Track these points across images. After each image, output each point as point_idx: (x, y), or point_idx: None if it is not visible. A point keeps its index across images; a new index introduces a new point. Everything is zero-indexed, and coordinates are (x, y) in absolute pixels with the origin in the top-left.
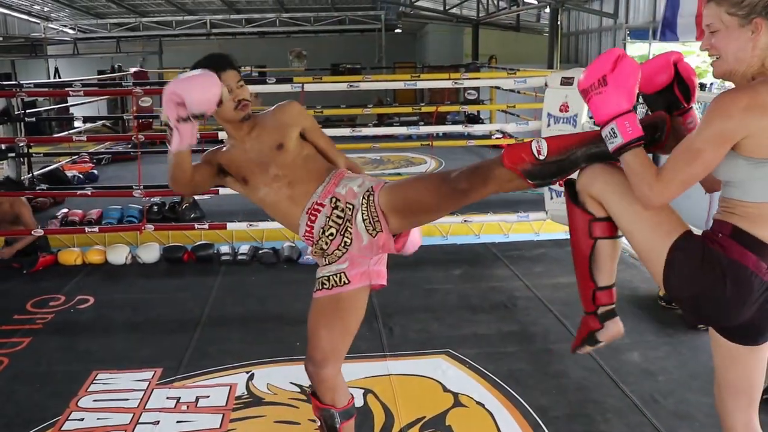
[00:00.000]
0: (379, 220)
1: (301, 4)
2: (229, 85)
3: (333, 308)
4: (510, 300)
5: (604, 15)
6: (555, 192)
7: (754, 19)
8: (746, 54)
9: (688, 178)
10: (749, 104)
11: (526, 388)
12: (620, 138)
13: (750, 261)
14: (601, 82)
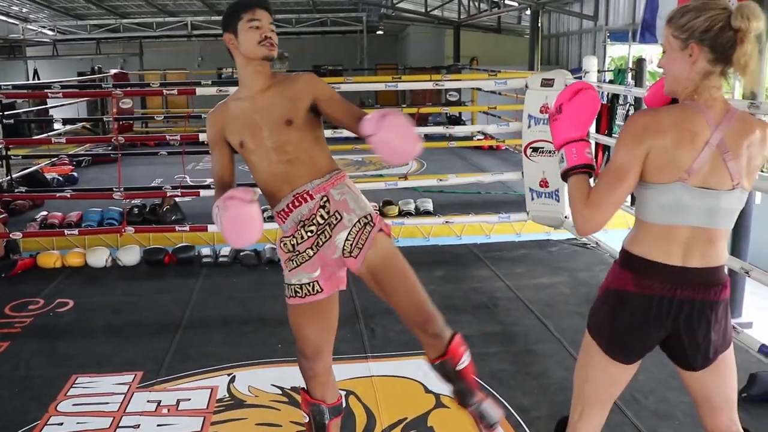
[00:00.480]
0: (359, 254)
1: (283, 6)
2: (261, 21)
3: (312, 311)
4: (491, 301)
5: (584, 17)
6: (536, 193)
7: (691, 44)
8: (683, 76)
9: (614, 200)
10: (648, 125)
11: (507, 388)
12: (565, 163)
13: (627, 283)
14: (557, 110)
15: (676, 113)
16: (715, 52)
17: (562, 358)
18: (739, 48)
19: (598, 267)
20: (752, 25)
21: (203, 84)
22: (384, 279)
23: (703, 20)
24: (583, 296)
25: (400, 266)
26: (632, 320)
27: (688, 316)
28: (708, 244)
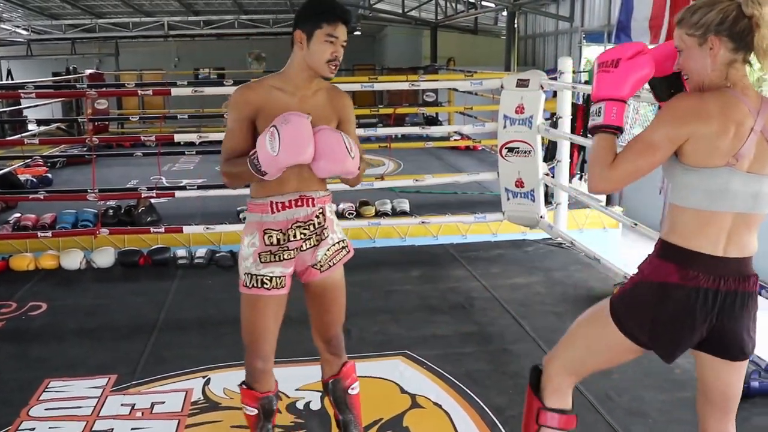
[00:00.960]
0: (327, 271)
1: (260, 6)
2: (338, 38)
3: (274, 305)
4: (468, 301)
5: (560, 18)
6: (511, 193)
7: (709, 37)
8: (707, 70)
9: (634, 169)
10: (694, 109)
11: (483, 388)
12: (601, 118)
13: (671, 275)
14: (614, 63)
15: (720, 99)
16: (734, 40)
17: (537, 357)
18: (758, 33)
19: (574, 267)
20: (765, 10)
21: (179, 84)
22: (329, 298)
23: (716, 13)
24: (558, 296)
25: (343, 291)
26: (677, 314)
27: (731, 308)
28: (747, 232)
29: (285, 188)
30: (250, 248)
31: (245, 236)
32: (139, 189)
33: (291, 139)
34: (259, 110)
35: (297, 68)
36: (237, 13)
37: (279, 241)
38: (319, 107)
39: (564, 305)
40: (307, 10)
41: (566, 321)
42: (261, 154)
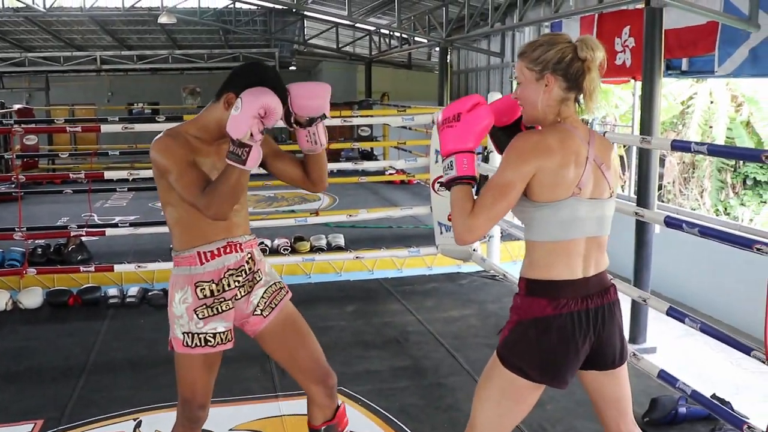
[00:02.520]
0: (269, 315)
1: (194, 41)
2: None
3: (214, 361)
4: (402, 335)
5: (491, 54)
6: (444, 227)
7: (546, 74)
8: (542, 104)
9: (494, 214)
10: (536, 145)
11: (418, 423)
12: (454, 171)
13: (545, 308)
14: (455, 117)
15: (557, 134)
16: (568, 80)
17: (471, 390)
18: (587, 76)
19: (507, 298)
20: (596, 55)
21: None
22: (293, 333)
23: (555, 52)
24: (492, 328)
25: (305, 325)
26: (560, 342)
27: (603, 321)
28: (599, 252)
29: (211, 236)
30: (182, 305)
31: (175, 292)
32: (69, 227)
33: (251, 92)
34: (194, 157)
35: (218, 124)
36: (171, 47)
37: (213, 292)
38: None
39: (498, 337)
40: (248, 77)
41: None
42: (229, 126)
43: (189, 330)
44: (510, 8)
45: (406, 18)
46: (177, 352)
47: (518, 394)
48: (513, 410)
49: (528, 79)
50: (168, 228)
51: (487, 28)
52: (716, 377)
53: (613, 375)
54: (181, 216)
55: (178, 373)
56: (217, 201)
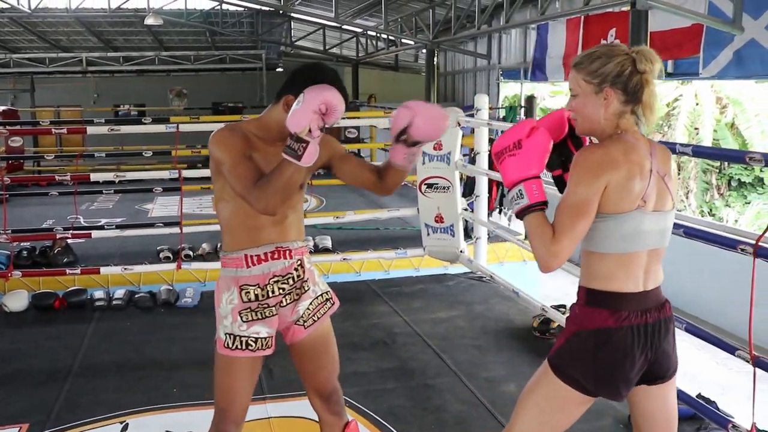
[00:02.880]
0: (311, 327)
1: (181, 43)
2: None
3: (253, 367)
4: (390, 336)
5: (478, 56)
6: (431, 228)
7: (605, 88)
8: (599, 117)
9: (576, 235)
10: (602, 159)
11: (405, 424)
12: (526, 199)
13: (606, 320)
14: (516, 145)
15: (621, 146)
16: (627, 94)
17: (458, 391)
18: (647, 89)
19: (494, 300)
20: (655, 67)
21: (96, 122)
22: (320, 353)
23: (614, 65)
24: (479, 329)
25: (334, 346)
26: (619, 355)
27: (659, 336)
28: (657, 264)
29: (260, 240)
30: (228, 305)
31: (222, 293)
32: (55, 229)
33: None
34: (251, 152)
35: (279, 125)
36: (157, 49)
37: (257, 297)
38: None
39: (485, 338)
40: (308, 77)
41: (487, 354)
42: (289, 120)
43: (232, 332)
44: (496, 10)
45: (393, 20)
46: (218, 354)
47: (566, 405)
48: (557, 421)
49: (585, 91)
50: (219, 227)
51: (473, 30)
52: (702, 377)
53: (666, 387)
54: (232, 215)
55: (215, 379)
56: (269, 194)
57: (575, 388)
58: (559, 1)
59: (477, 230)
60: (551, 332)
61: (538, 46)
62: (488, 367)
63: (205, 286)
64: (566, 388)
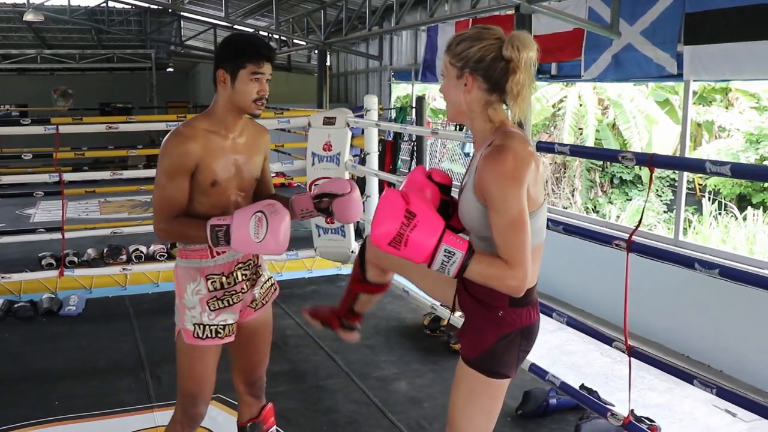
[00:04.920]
0: (261, 309)
1: (65, 41)
2: (263, 75)
3: (217, 352)
4: (281, 339)
5: (370, 57)
6: (322, 229)
7: (465, 73)
8: (461, 104)
9: (527, 248)
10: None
11: (297, 426)
12: (458, 252)
13: (531, 316)
14: (407, 217)
15: (518, 140)
16: (489, 81)
17: (350, 391)
18: (512, 77)
19: (386, 299)
20: (523, 55)
21: None
22: (259, 337)
23: (477, 50)
24: (371, 329)
25: (269, 333)
26: (533, 341)
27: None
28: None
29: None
30: (195, 296)
31: (187, 284)
32: None
33: (278, 232)
34: (201, 159)
35: (224, 108)
36: (40, 47)
37: (223, 285)
38: (248, 146)
39: (377, 338)
40: (230, 48)
41: (379, 353)
42: (239, 234)
43: (200, 321)
44: (387, 12)
45: (285, 20)
46: (186, 344)
47: (501, 395)
48: (496, 413)
49: (450, 75)
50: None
51: (365, 32)
52: (587, 368)
53: None
54: (190, 209)
55: (183, 367)
56: (168, 236)
57: (505, 378)
58: (448, 3)
59: (368, 230)
60: (441, 330)
61: (429, 48)
62: (380, 366)
63: (91, 293)
64: (500, 383)
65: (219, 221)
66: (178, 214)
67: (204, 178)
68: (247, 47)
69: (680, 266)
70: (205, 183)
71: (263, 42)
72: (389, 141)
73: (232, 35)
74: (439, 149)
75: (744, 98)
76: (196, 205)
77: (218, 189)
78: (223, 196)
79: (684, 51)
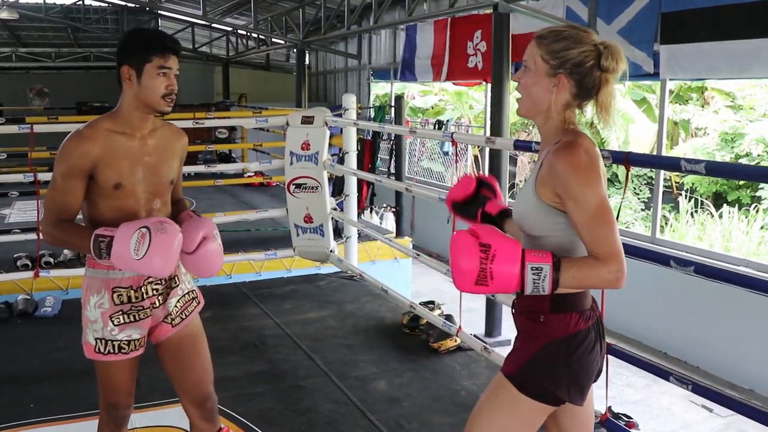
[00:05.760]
0: (179, 324)
1: (41, 39)
2: (171, 69)
3: (131, 364)
4: (260, 339)
5: (348, 56)
6: (300, 229)
7: (560, 74)
8: (544, 103)
9: (617, 237)
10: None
11: (276, 427)
12: (546, 266)
13: (577, 323)
14: (484, 251)
15: (587, 138)
16: (580, 87)
17: (329, 391)
18: (605, 88)
19: (365, 298)
20: (619, 67)
21: None
22: (189, 352)
23: (578, 53)
24: (350, 328)
25: (203, 345)
26: (589, 356)
27: (603, 327)
28: None
29: None
30: (97, 309)
31: (90, 296)
32: None
33: (161, 252)
34: (99, 160)
35: (130, 107)
36: (15, 45)
37: (131, 299)
38: (161, 148)
39: (356, 337)
40: (133, 43)
41: (358, 353)
42: (118, 249)
43: (102, 336)
44: (366, 11)
45: (263, 19)
46: (89, 358)
47: (535, 420)
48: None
49: (539, 70)
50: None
51: (343, 30)
52: None
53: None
54: (100, 214)
55: (98, 379)
56: (54, 241)
57: (544, 401)
58: (426, 2)
59: (347, 230)
60: (420, 329)
61: (407, 47)
62: (359, 365)
63: (68, 294)
64: (534, 403)
65: (104, 232)
66: (66, 218)
67: (105, 179)
68: (152, 41)
69: (656, 264)
70: (108, 185)
71: (168, 35)
72: (368, 140)
73: (133, 30)
74: (418, 148)
75: (720, 97)
76: (104, 211)
77: (124, 192)
78: (130, 200)
79: (660, 50)
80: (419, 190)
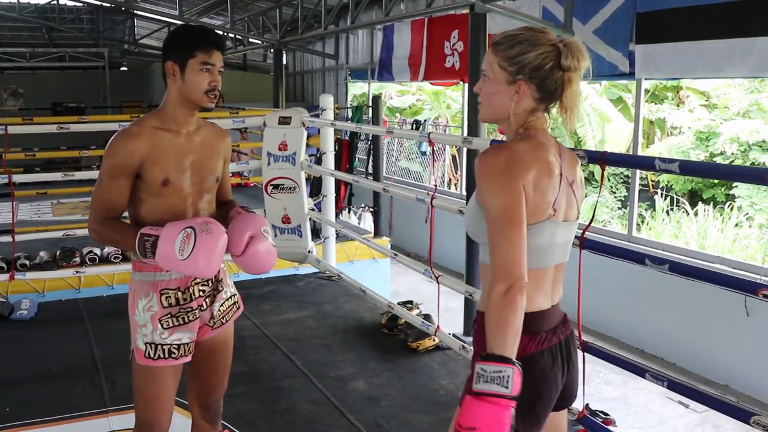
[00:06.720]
0: (219, 329)
1: (14, 39)
2: (214, 66)
3: (176, 374)
4: (238, 340)
5: (326, 56)
6: (278, 229)
7: (519, 80)
8: (506, 110)
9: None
10: (511, 158)
11: (254, 427)
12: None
13: (526, 346)
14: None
15: (527, 144)
16: (542, 91)
17: (308, 391)
18: (568, 89)
19: (343, 299)
20: (581, 65)
21: None
22: (218, 358)
23: (535, 56)
24: (328, 328)
25: (230, 353)
26: (542, 383)
27: (570, 353)
28: (561, 277)
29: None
30: (146, 313)
31: (138, 299)
32: None
33: (206, 252)
34: (146, 159)
35: (174, 103)
36: None
37: (179, 301)
38: (206, 146)
39: (334, 337)
40: (177, 38)
41: (336, 353)
42: (163, 249)
43: (152, 340)
44: (343, 11)
45: (240, 19)
46: (137, 365)
47: None
48: None
49: (498, 78)
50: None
51: (320, 30)
52: None
53: (559, 417)
54: (148, 215)
55: (138, 390)
56: (100, 239)
57: None
58: (403, 2)
59: (325, 230)
60: (399, 328)
61: (385, 47)
62: (337, 365)
63: (44, 297)
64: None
65: (150, 231)
66: (114, 216)
67: (153, 177)
68: (195, 36)
69: (632, 262)
70: (156, 182)
71: (212, 30)
72: (346, 140)
73: (179, 26)
74: (396, 148)
75: (694, 96)
76: (151, 209)
77: (172, 189)
78: (178, 197)
79: (636, 50)
80: (397, 190)
